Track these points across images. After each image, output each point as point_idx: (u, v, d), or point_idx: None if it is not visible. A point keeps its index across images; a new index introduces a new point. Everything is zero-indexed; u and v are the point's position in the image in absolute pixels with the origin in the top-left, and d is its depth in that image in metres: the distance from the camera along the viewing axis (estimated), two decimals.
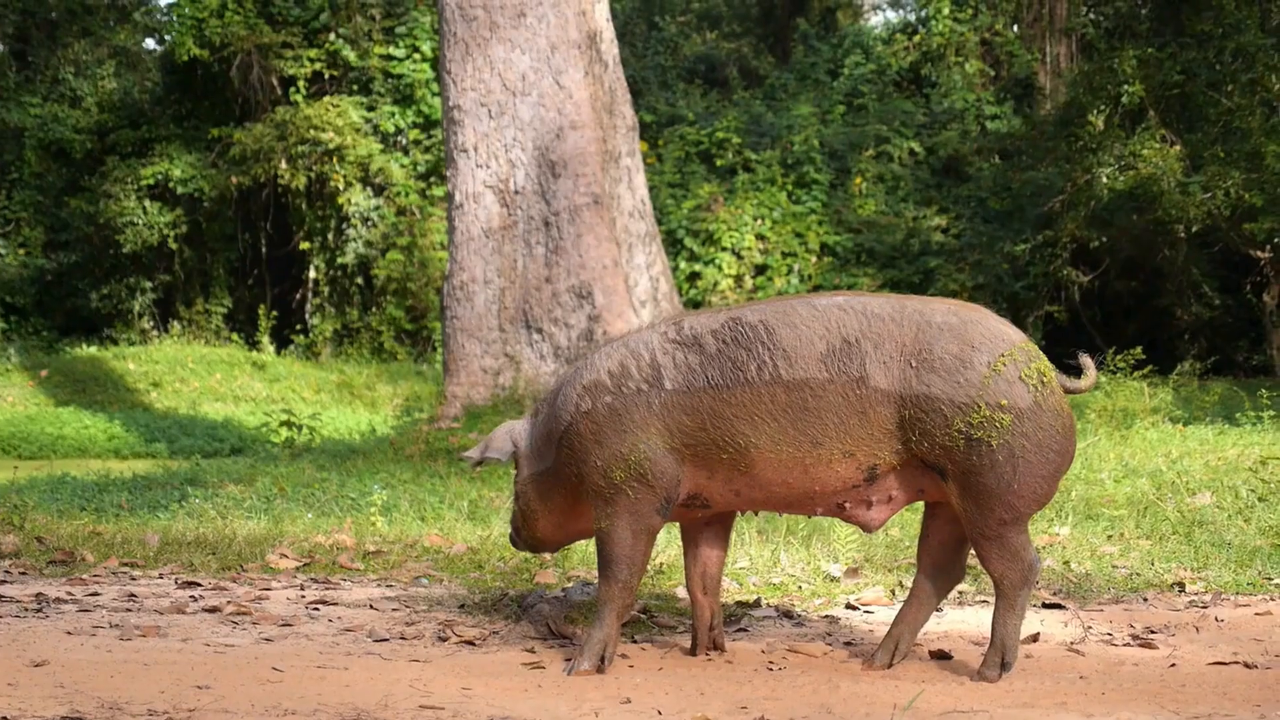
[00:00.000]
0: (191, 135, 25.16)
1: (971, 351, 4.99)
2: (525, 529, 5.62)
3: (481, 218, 12.93)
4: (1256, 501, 8.43)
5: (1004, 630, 5.12)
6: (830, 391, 5.00)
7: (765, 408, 5.04)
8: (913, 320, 5.05)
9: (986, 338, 5.03)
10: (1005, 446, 4.93)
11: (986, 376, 4.96)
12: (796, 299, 5.20)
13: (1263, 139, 19.34)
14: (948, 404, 4.95)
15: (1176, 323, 21.81)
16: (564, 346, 12.62)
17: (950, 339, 5.01)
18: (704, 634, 5.56)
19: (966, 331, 5.03)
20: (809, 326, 5.07)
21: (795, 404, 5.02)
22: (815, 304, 5.14)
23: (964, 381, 4.95)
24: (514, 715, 4.61)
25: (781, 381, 5.03)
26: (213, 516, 8.78)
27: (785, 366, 5.03)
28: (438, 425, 12.63)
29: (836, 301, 5.13)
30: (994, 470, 4.93)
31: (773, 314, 5.14)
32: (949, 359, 4.98)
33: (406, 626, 5.98)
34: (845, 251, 23.03)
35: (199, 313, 25.17)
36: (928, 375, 4.97)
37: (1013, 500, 4.96)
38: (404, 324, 24.21)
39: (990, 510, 4.97)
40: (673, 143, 24.54)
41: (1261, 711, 4.44)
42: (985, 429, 4.93)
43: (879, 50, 26.16)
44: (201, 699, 4.67)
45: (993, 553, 5.04)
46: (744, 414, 5.05)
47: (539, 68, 12.96)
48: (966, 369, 4.96)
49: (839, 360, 5.01)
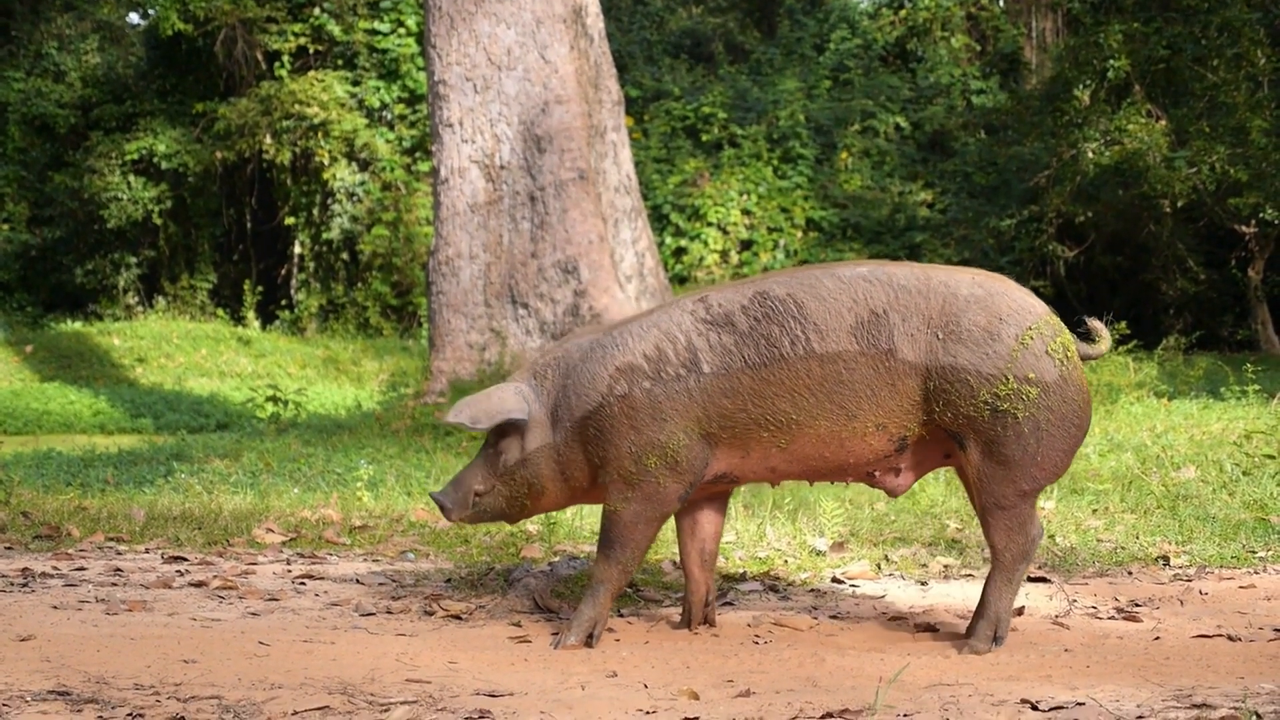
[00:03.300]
0: (176, 110, 25.08)
1: (999, 324, 5.02)
2: (517, 499, 5.37)
3: (467, 193, 12.91)
4: (1241, 475, 8.45)
5: (999, 603, 5.15)
6: (862, 364, 5.01)
7: (802, 382, 5.01)
8: (939, 292, 5.06)
9: (1014, 310, 5.06)
10: (1031, 419, 4.98)
11: (1015, 349, 4.99)
12: (819, 269, 5.17)
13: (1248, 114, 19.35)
14: (974, 375, 4.98)
15: (1162, 297, 21.85)
16: (549, 322, 12.61)
17: (978, 311, 5.03)
18: (698, 610, 5.54)
19: (994, 303, 5.06)
20: (836, 299, 5.05)
21: (830, 377, 5.01)
22: (840, 275, 5.11)
23: (992, 353, 4.99)
24: (500, 689, 4.61)
25: (815, 355, 5.01)
26: (199, 491, 8.78)
27: (817, 340, 5.01)
28: (423, 400, 12.62)
29: (860, 273, 5.12)
30: (1019, 441, 4.98)
31: (799, 287, 5.10)
32: (977, 331, 5.00)
33: (393, 601, 5.98)
34: (831, 226, 23.02)
35: (184, 288, 25.12)
36: (955, 347, 4.99)
37: (1034, 472, 5.02)
38: (390, 299, 24.18)
39: (1011, 481, 5.02)
40: (658, 118, 24.50)
41: (1245, 684, 4.46)
42: (1012, 401, 4.97)
43: (865, 25, 26.13)
44: (188, 673, 4.67)
45: (1001, 523, 5.07)
46: (783, 391, 5.02)
47: (524, 42, 12.93)
48: (994, 341, 5.00)
49: (868, 332, 5.01)
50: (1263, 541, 6.92)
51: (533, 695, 4.54)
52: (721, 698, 4.56)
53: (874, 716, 4.20)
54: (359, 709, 4.33)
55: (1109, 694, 4.40)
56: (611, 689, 4.65)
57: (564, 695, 4.55)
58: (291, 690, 4.51)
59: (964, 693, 4.49)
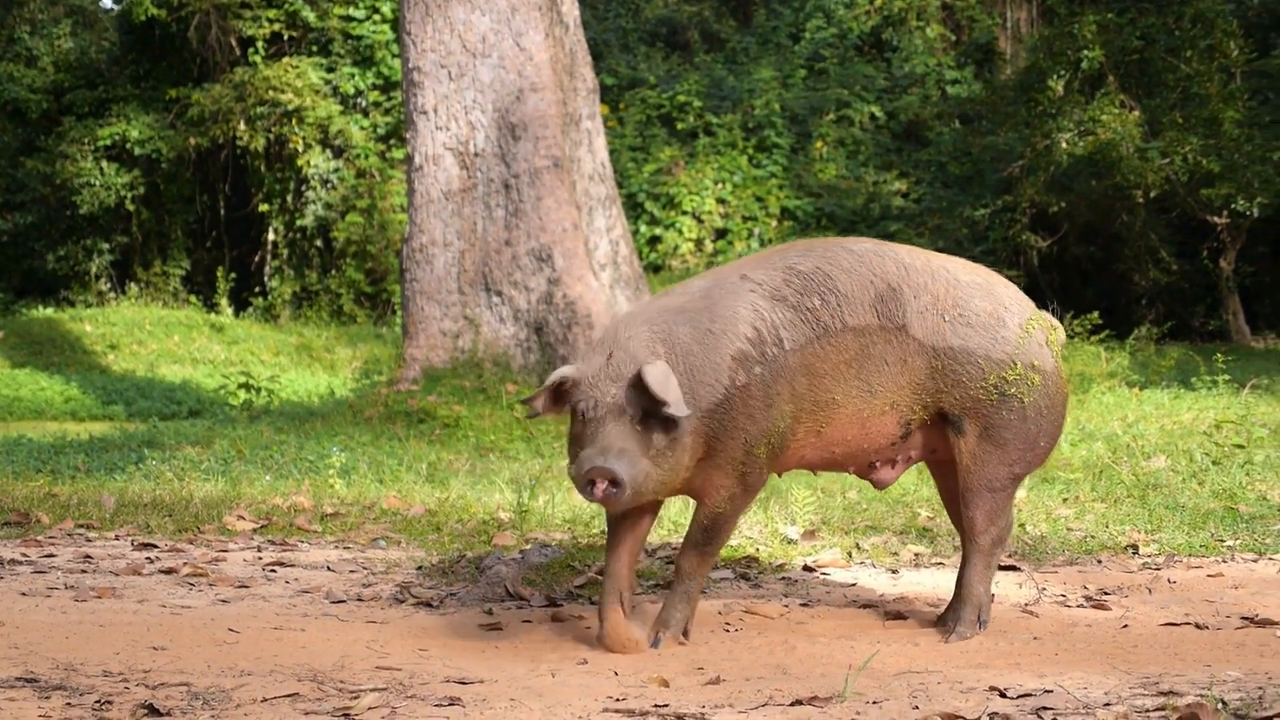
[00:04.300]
0: (149, 96, 24.98)
1: (1004, 311, 5.14)
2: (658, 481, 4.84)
3: (441, 180, 12.89)
4: (1210, 465, 8.50)
5: (980, 587, 5.21)
6: (881, 339, 5.01)
7: (843, 357, 4.98)
8: (942, 275, 5.13)
9: (1014, 300, 5.21)
10: (1034, 404, 5.10)
11: (1021, 336, 5.11)
12: (830, 243, 5.17)
13: (1220, 105, 19.44)
14: (985, 359, 5.05)
15: (1134, 287, 21.92)
16: (523, 310, 12.60)
17: (983, 297, 5.13)
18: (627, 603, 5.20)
19: (995, 292, 5.19)
20: (858, 271, 5.04)
21: (860, 352, 4.99)
22: (852, 249, 5.12)
23: (1001, 338, 5.08)
24: (470, 676, 4.61)
25: (849, 328, 4.97)
26: (170, 478, 8.75)
27: (849, 312, 4.98)
28: (397, 388, 12.60)
29: (869, 247, 5.14)
30: (1020, 425, 5.09)
31: (822, 260, 5.05)
32: (985, 316, 5.09)
33: (364, 588, 5.98)
34: (806, 215, 23.04)
35: (157, 274, 25.03)
36: (964, 329, 5.06)
37: (1028, 456, 5.14)
38: (363, 286, 24.13)
39: (1006, 464, 5.11)
40: (634, 106, 24.49)
41: (1212, 671, 4.48)
42: (1019, 386, 5.07)
43: (840, 14, 26.13)
44: (157, 660, 4.66)
45: (987, 506, 5.13)
46: (831, 368, 4.97)
47: (499, 29, 12.90)
48: (1002, 327, 5.10)
49: (886, 306, 5.02)
50: (1231, 530, 6.96)
51: (503, 683, 4.54)
52: (692, 685, 4.57)
53: (843, 704, 4.22)
54: (328, 696, 4.33)
55: (1077, 681, 4.41)
56: (582, 676, 4.66)
57: (534, 683, 4.55)
58: (261, 677, 4.50)
59: (933, 680, 4.50)
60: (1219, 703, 3.96)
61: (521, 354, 12.53)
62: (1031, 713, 4.05)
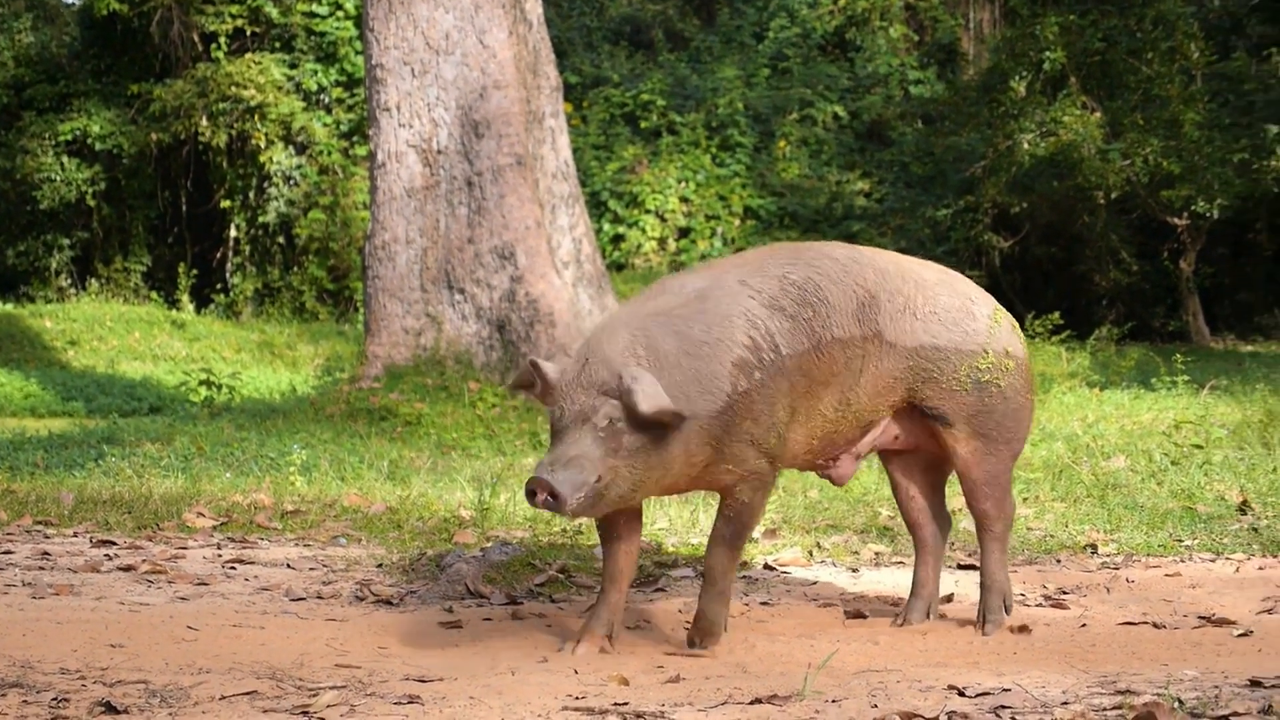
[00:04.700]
0: (110, 91, 24.86)
1: (971, 304, 5.22)
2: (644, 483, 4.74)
3: (404, 177, 12.86)
4: (1169, 465, 8.54)
5: (1001, 574, 5.29)
6: (861, 347, 5.01)
7: (832, 367, 4.96)
8: (909, 276, 5.18)
9: (979, 293, 5.31)
10: (1011, 386, 5.16)
11: (990, 326, 5.19)
12: (813, 249, 5.14)
13: (1181, 107, 19.55)
14: (954, 351, 5.10)
15: (1095, 288, 22.04)
16: (486, 307, 12.58)
17: (949, 293, 5.19)
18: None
19: (960, 286, 5.28)
20: (843, 281, 5.03)
21: (845, 362, 4.99)
22: (835, 256, 5.10)
23: (971, 331, 5.15)
24: (430, 674, 4.61)
25: (836, 339, 4.96)
26: (129, 475, 8.71)
27: (837, 324, 4.97)
28: (359, 385, 12.57)
29: (848, 254, 5.14)
30: (1005, 409, 5.16)
31: (811, 270, 5.01)
32: (952, 311, 5.15)
33: (323, 586, 5.96)
34: (769, 215, 23.08)
35: (118, 270, 24.92)
36: (935, 326, 5.11)
37: (1015, 443, 5.23)
38: (326, 283, 24.07)
39: (1000, 451, 5.18)
40: (597, 104, 24.49)
41: (1169, 670, 4.50)
42: (993, 373, 5.13)
43: (804, 14, 26.18)
44: (115, 658, 4.64)
45: (995, 494, 5.21)
46: (821, 376, 4.95)
47: (463, 26, 12.88)
48: (971, 320, 5.17)
49: (866, 314, 5.02)
50: (1189, 530, 6.99)
51: (463, 680, 4.54)
52: (652, 683, 4.57)
53: (802, 702, 4.22)
54: (287, 694, 4.31)
55: (1035, 680, 4.43)
56: (542, 674, 4.65)
57: (494, 681, 4.55)
58: (219, 675, 4.49)
59: (892, 679, 4.52)
60: (1175, 701, 3.98)
61: (484, 352, 12.51)
62: (990, 711, 4.07)
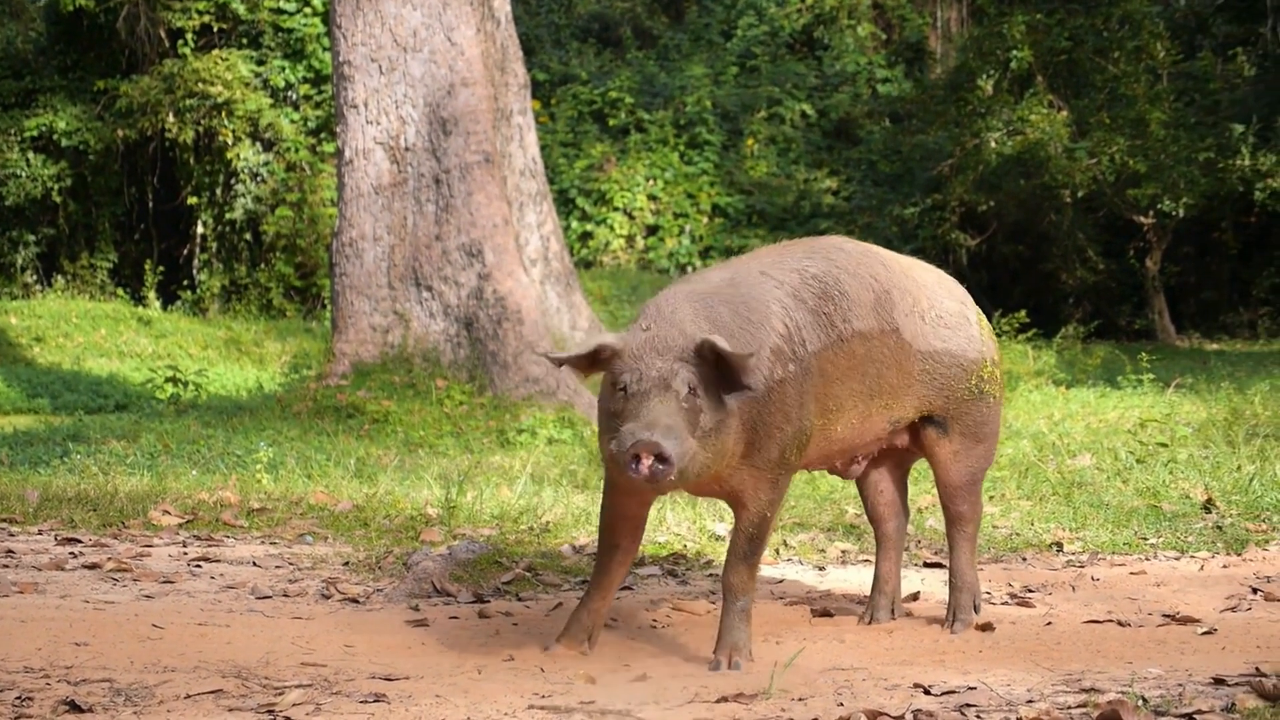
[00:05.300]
0: (77, 87, 24.73)
1: (963, 308, 5.21)
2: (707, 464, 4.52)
3: (371, 174, 12.83)
4: (1134, 463, 8.58)
5: (971, 574, 5.33)
6: (880, 341, 4.94)
7: (852, 361, 4.87)
8: (910, 274, 5.15)
9: (965, 294, 5.30)
10: (995, 395, 5.21)
11: (982, 332, 5.21)
12: (826, 243, 5.06)
13: (1147, 106, 19.64)
14: (963, 358, 5.11)
15: (1061, 286, 22.12)
16: (454, 305, 12.56)
17: (946, 295, 5.20)
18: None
19: (950, 287, 5.27)
20: (858, 274, 4.96)
21: (863, 355, 4.90)
22: (846, 250, 5.04)
23: (971, 337, 5.16)
24: (396, 672, 4.60)
25: (857, 332, 4.88)
26: (95, 473, 8.67)
27: (856, 317, 4.89)
28: (326, 383, 12.53)
29: (857, 247, 5.09)
30: (992, 417, 5.21)
31: (827, 263, 4.93)
32: (954, 316, 5.16)
33: (289, 584, 5.95)
34: (737, 213, 23.10)
35: (84, 267, 24.79)
36: (944, 331, 5.10)
37: (993, 444, 5.28)
38: (293, 281, 23.99)
39: (984, 455, 5.22)
40: (565, 101, 24.48)
41: (1133, 668, 4.53)
42: (989, 382, 5.17)
43: (772, 12, 26.21)
44: (80, 656, 4.62)
45: (972, 494, 5.25)
46: (841, 372, 4.85)
47: (430, 24, 12.85)
48: (969, 325, 5.18)
49: (882, 309, 4.97)
50: (1154, 528, 7.03)
51: (429, 679, 4.53)
52: (618, 681, 4.58)
53: (769, 700, 4.23)
54: (253, 692, 4.31)
55: (1000, 678, 4.45)
56: (508, 673, 4.65)
57: (460, 679, 4.54)
58: (185, 674, 4.47)
59: (858, 677, 4.53)
60: (1140, 699, 4.00)
61: (451, 349, 12.49)
62: (955, 709, 4.08)
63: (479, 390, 11.99)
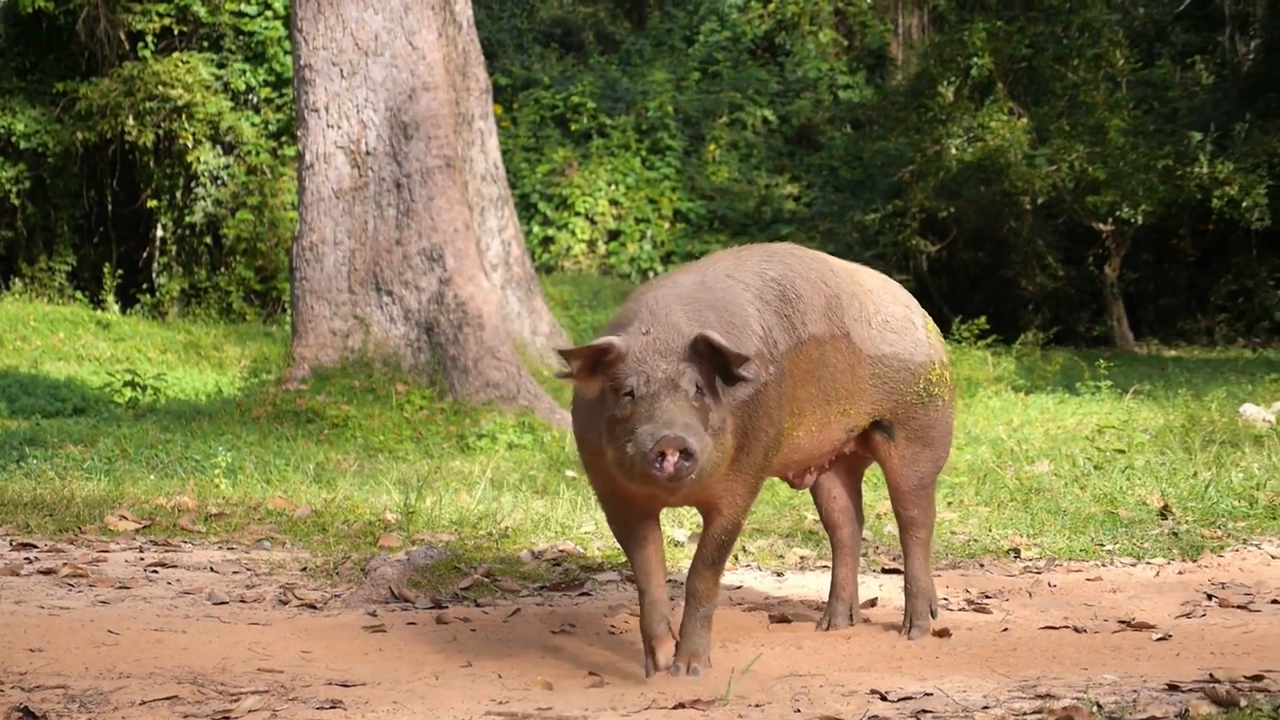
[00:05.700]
0: (35, 89, 24.60)
1: (908, 312, 5.21)
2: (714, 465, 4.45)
3: (332, 178, 12.80)
4: (1092, 470, 8.62)
5: (926, 579, 5.33)
6: (832, 346, 4.92)
7: (809, 365, 4.83)
8: (855, 279, 5.15)
9: (910, 299, 5.30)
10: (945, 399, 5.20)
11: (929, 336, 5.20)
12: (779, 249, 5.03)
13: (1106, 113, 19.76)
14: (911, 362, 5.10)
15: (1021, 293, 22.21)
16: (414, 310, 12.54)
17: (891, 300, 5.19)
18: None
19: (895, 292, 5.27)
20: (809, 278, 4.93)
21: (819, 360, 4.87)
22: (798, 254, 5.03)
23: (919, 340, 5.15)
24: (353, 678, 4.59)
25: (812, 336, 4.85)
26: (51, 477, 8.61)
27: (812, 321, 4.86)
28: (285, 387, 12.49)
29: (806, 252, 5.08)
30: (941, 421, 5.19)
31: (783, 267, 4.89)
32: (900, 320, 5.15)
33: (247, 589, 5.93)
34: (698, 218, 23.13)
35: (42, 270, 24.66)
36: (891, 335, 5.09)
37: (944, 449, 5.26)
38: (253, 284, 23.90)
39: (934, 460, 5.21)
40: (527, 106, 24.47)
41: (1088, 675, 4.55)
42: (939, 386, 5.16)
43: (734, 18, 26.26)
44: (34, 662, 4.59)
45: (923, 500, 5.24)
46: (801, 375, 4.80)
47: (392, 28, 12.83)
48: (915, 329, 5.17)
49: (833, 314, 4.95)
50: (1111, 535, 7.06)
51: (386, 685, 4.53)
52: (575, 687, 4.58)
53: (726, 706, 4.23)
54: (209, 699, 4.29)
55: (956, 684, 4.46)
56: (465, 679, 4.65)
57: (417, 685, 4.54)
58: (140, 680, 4.45)
59: (815, 683, 4.54)
60: (1094, 705, 4.02)
61: (412, 354, 12.46)
62: (911, 715, 4.10)
63: (439, 395, 11.97)
